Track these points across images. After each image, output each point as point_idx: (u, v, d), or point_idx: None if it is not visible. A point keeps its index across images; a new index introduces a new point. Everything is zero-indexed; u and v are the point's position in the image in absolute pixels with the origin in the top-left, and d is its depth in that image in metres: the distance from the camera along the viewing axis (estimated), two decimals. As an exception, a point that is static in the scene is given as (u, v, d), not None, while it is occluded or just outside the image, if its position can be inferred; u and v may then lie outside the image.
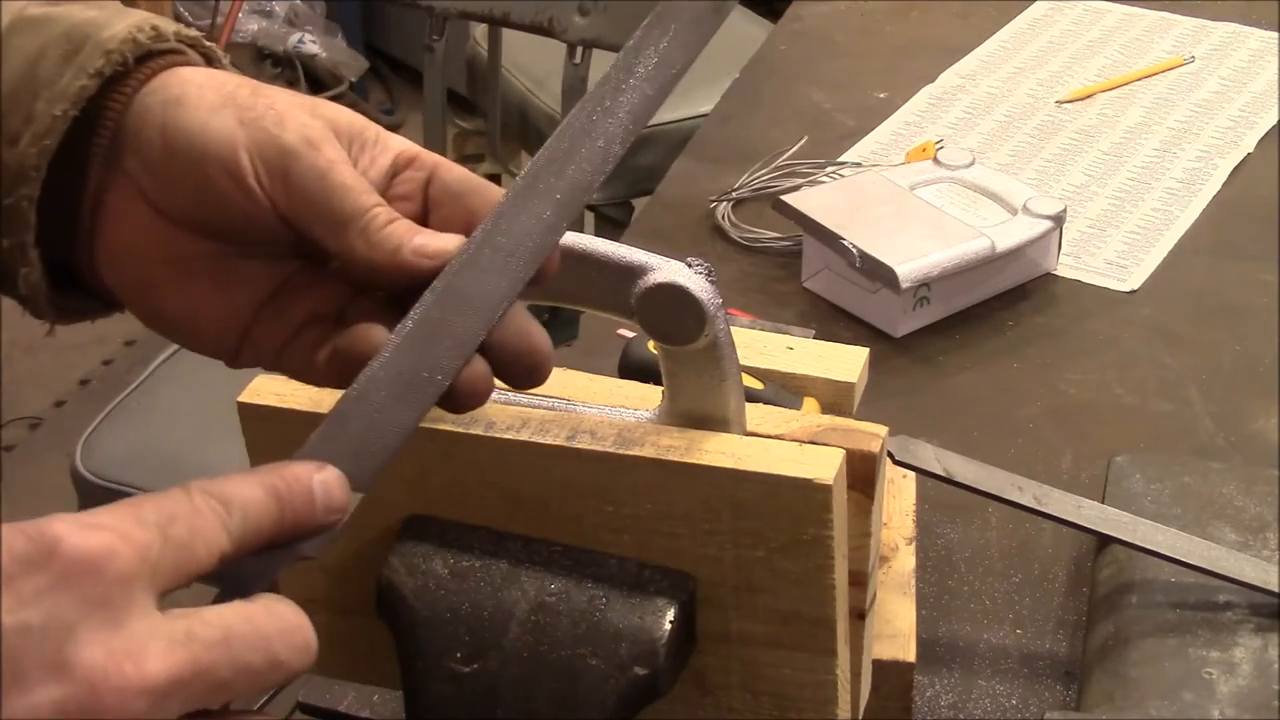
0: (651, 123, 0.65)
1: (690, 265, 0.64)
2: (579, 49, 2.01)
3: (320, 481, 0.54)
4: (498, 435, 0.67)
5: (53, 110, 0.60)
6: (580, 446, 0.66)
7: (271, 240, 0.61)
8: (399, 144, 0.62)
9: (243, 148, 0.59)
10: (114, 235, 0.62)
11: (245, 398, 0.70)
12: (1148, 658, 0.86)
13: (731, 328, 0.65)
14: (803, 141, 1.41)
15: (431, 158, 0.62)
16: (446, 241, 0.59)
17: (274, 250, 0.62)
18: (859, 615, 0.70)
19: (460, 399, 0.59)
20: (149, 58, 0.62)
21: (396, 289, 0.60)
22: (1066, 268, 1.30)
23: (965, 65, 1.60)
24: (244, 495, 0.52)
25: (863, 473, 0.67)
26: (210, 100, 0.60)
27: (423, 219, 0.62)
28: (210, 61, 0.64)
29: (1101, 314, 1.26)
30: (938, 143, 1.43)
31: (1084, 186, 1.40)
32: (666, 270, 0.64)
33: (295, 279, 0.63)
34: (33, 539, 0.47)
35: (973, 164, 1.32)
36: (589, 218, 2.27)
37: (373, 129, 0.62)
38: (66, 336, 0.70)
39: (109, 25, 0.61)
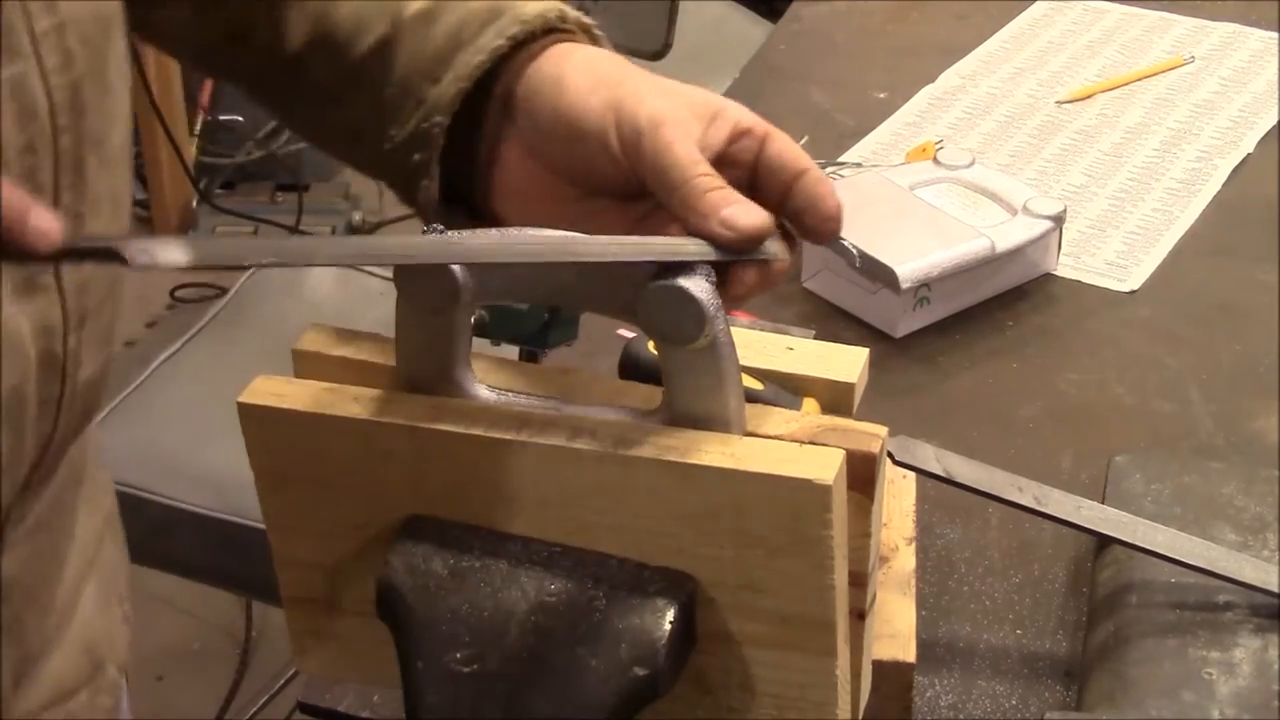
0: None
1: (695, 271, 0.64)
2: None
3: (39, 210, 0.52)
4: (498, 435, 0.67)
5: (472, 60, 0.74)
6: (580, 447, 0.66)
7: (628, 191, 0.73)
8: (738, 115, 0.72)
9: (611, 125, 0.71)
10: (503, 174, 0.76)
11: (245, 398, 0.70)
12: (1148, 658, 0.86)
13: (731, 328, 0.65)
14: (803, 142, 1.41)
15: (763, 130, 0.71)
16: (753, 218, 0.68)
17: (629, 197, 0.73)
18: (859, 615, 0.70)
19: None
20: (550, 33, 0.75)
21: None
22: (1066, 268, 1.30)
23: (965, 65, 1.60)
24: None
25: (863, 473, 0.67)
26: (588, 83, 0.73)
27: (752, 186, 0.71)
28: (594, 42, 0.77)
29: (1101, 314, 1.26)
30: (938, 143, 1.43)
31: (1084, 187, 1.40)
32: (666, 271, 0.64)
33: (646, 220, 0.73)
34: None
35: (973, 164, 1.32)
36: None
37: (719, 104, 0.72)
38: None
39: (524, 4, 0.75)
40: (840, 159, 1.41)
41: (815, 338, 0.83)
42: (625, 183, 0.72)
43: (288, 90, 0.82)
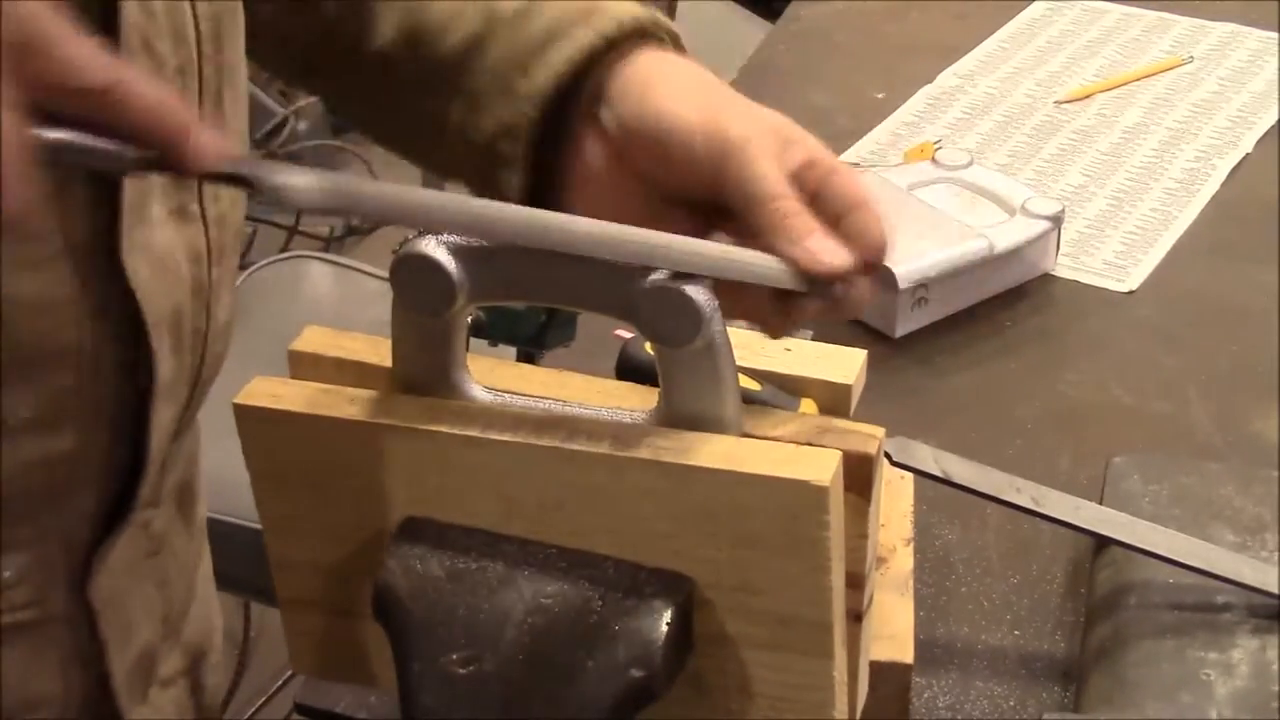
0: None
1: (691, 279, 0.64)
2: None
3: (203, 127, 0.55)
4: (494, 437, 0.67)
5: (565, 54, 0.75)
6: (577, 448, 0.66)
7: (699, 201, 0.73)
8: (812, 144, 0.73)
9: (701, 136, 0.72)
10: (582, 169, 0.76)
11: (241, 399, 0.70)
12: (1146, 659, 0.86)
13: (728, 329, 0.65)
14: (801, 142, 1.41)
15: (829, 162, 0.72)
16: (838, 255, 0.70)
17: (699, 203, 0.74)
18: (856, 617, 0.70)
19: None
20: (642, 36, 0.76)
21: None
22: (1065, 268, 1.30)
23: (964, 65, 1.60)
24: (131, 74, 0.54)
25: (860, 474, 0.66)
26: (681, 91, 0.74)
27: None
28: (680, 50, 0.78)
29: (1100, 314, 1.26)
30: (936, 143, 1.43)
31: (1082, 187, 1.40)
32: (664, 271, 0.64)
33: (712, 233, 0.73)
34: None
35: (971, 164, 1.32)
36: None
37: (798, 131, 0.73)
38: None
39: (619, 5, 0.77)
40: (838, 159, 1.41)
41: (813, 338, 0.82)
42: (701, 193, 0.73)
43: (371, 87, 0.82)
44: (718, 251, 0.68)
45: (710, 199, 0.73)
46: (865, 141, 1.46)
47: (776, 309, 0.71)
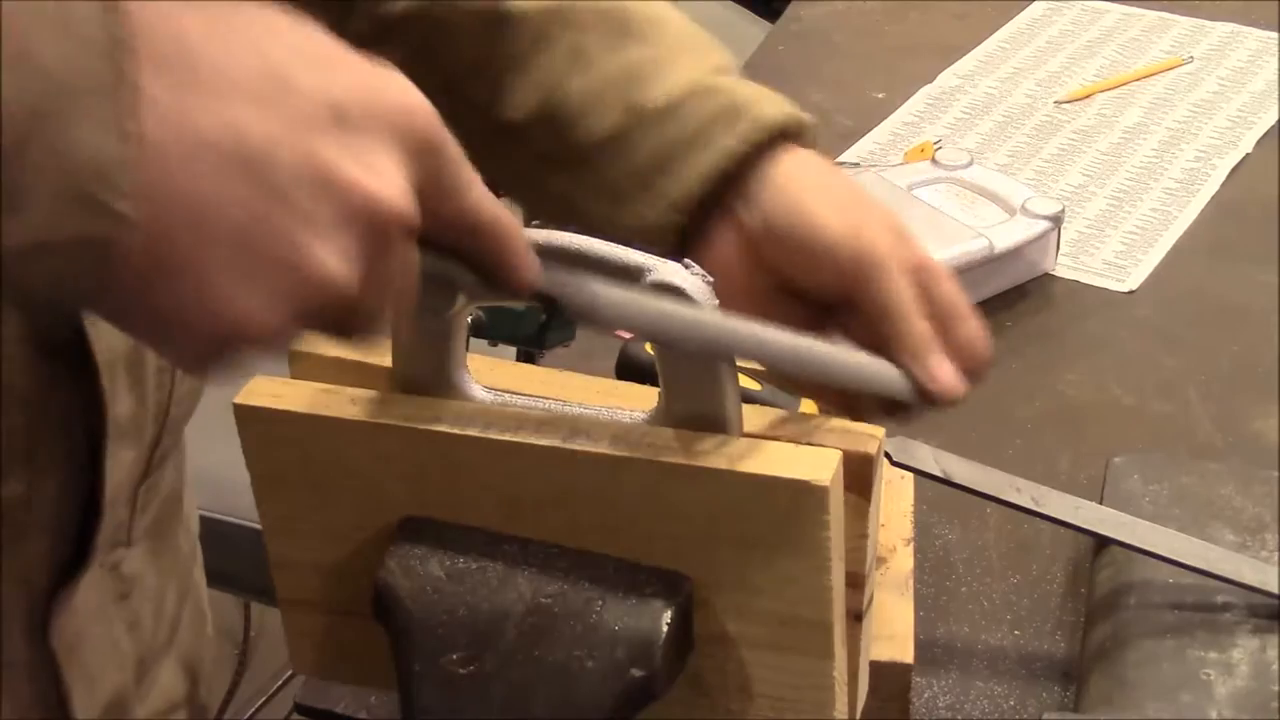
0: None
1: (687, 266, 0.64)
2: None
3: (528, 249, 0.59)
4: (494, 436, 0.67)
5: (713, 161, 0.76)
6: (577, 448, 0.66)
7: (822, 300, 0.75)
8: (919, 250, 0.75)
9: (844, 246, 0.73)
10: (710, 256, 0.76)
11: (241, 399, 0.70)
12: (1146, 659, 0.86)
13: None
14: (801, 142, 1.41)
15: (937, 268, 0.75)
16: (956, 382, 0.73)
17: (819, 302, 0.75)
18: (856, 617, 0.70)
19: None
20: (785, 137, 0.77)
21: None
22: (1065, 268, 1.30)
23: (963, 65, 1.60)
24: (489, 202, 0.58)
25: (860, 474, 0.66)
26: (828, 196, 0.76)
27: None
28: (814, 145, 0.80)
29: (1100, 314, 1.26)
30: (936, 143, 1.43)
31: (1082, 187, 1.40)
32: (663, 271, 0.64)
33: (816, 324, 0.74)
34: None
35: (971, 164, 1.32)
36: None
37: (909, 231, 0.75)
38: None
39: (763, 103, 0.78)
40: (838, 159, 1.41)
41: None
42: (831, 295, 0.75)
43: (502, 155, 0.81)
44: (855, 360, 0.71)
45: (835, 300, 0.74)
46: (865, 141, 1.46)
47: (879, 413, 0.75)
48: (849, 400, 0.75)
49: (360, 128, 0.51)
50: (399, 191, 0.52)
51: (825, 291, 0.75)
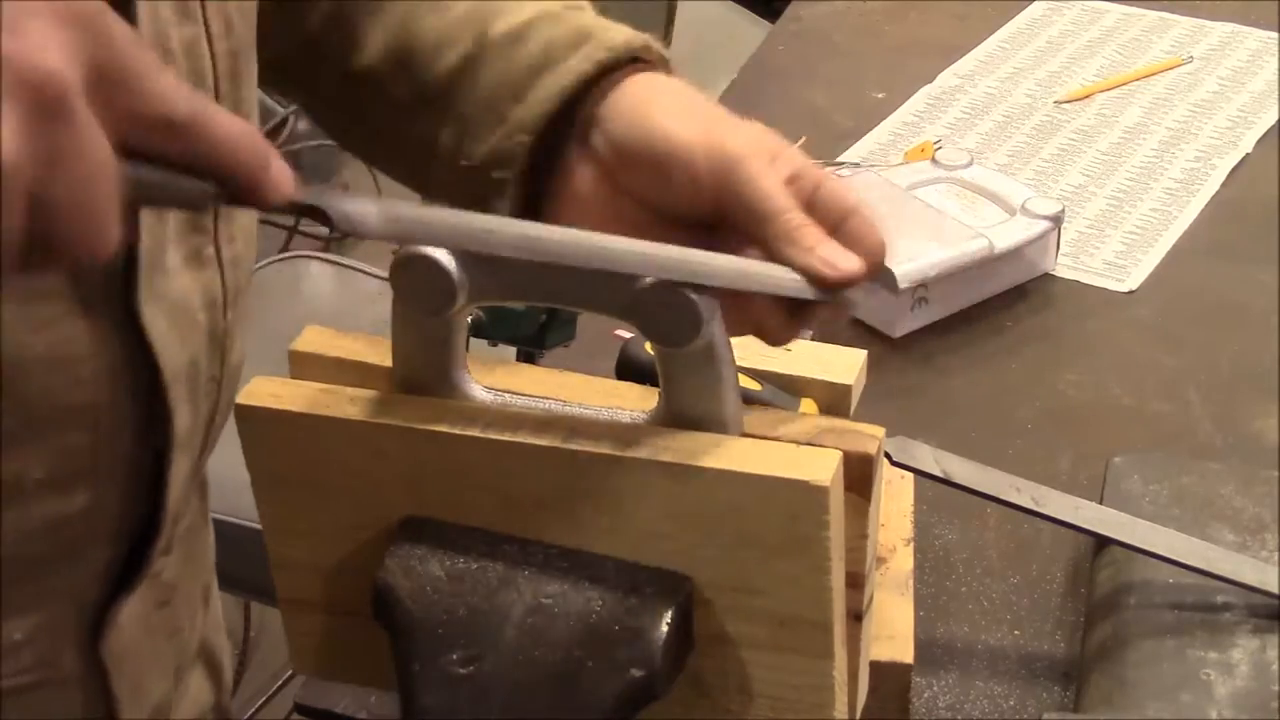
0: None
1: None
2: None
3: (279, 161, 0.55)
4: (494, 437, 0.67)
5: (559, 82, 0.75)
6: (576, 448, 0.66)
7: (696, 216, 0.73)
8: (796, 157, 0.73)
9: (701, 154, 0.71)
10: (574, 195, 0.76)
11: (242, 399, 0.70)
12: (1146, 659, 0.86)
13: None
14: (801, 142, 1.41)
15: (816, 173, 0.72)
16: (851, 261, 0.70)
17: (692, 224, 0.73)
18: (856, 617, 0.70)
19: None
20: (632, 62, 0.76)
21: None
22: (1065, 268, 1.30)
23: (963, 65, 1.60)
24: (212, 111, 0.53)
25: (860, 474, 0.66)
26: (677, 111, 0.73)
27: None
28: (669, 74, 0.78)
29: (1100, 314, 1.26)
30: (936, 143, 1.43)
31: (1082, 187, 1.40)
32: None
33: (703, 243, 0.72)
34: None
35: (971, 164, 1.32)
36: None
37: (783, 143, 0.73)
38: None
39: (610, 30, 0.77)
40: (838, 159, 1.41)
41: (812, 338, 0.82)
42: (699, 210, 0.72)
43: (359, 104, 0.82)
44: (733, 264, 0.68)
45: (707, 216, 0.72)
46: (865, 141, 1.46)
47: (783, 318, 0.71)
48: (753, 317, 0.71)
49: (13, 3, 0.46)
50: (55, 57, 0.46)
51: (692, 207, 0.72)
